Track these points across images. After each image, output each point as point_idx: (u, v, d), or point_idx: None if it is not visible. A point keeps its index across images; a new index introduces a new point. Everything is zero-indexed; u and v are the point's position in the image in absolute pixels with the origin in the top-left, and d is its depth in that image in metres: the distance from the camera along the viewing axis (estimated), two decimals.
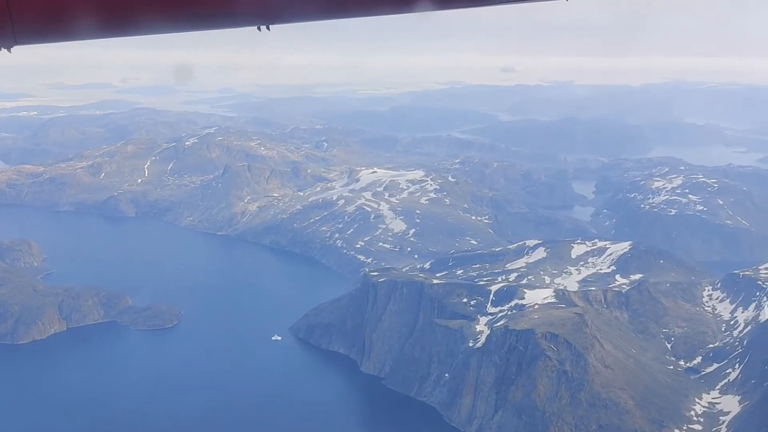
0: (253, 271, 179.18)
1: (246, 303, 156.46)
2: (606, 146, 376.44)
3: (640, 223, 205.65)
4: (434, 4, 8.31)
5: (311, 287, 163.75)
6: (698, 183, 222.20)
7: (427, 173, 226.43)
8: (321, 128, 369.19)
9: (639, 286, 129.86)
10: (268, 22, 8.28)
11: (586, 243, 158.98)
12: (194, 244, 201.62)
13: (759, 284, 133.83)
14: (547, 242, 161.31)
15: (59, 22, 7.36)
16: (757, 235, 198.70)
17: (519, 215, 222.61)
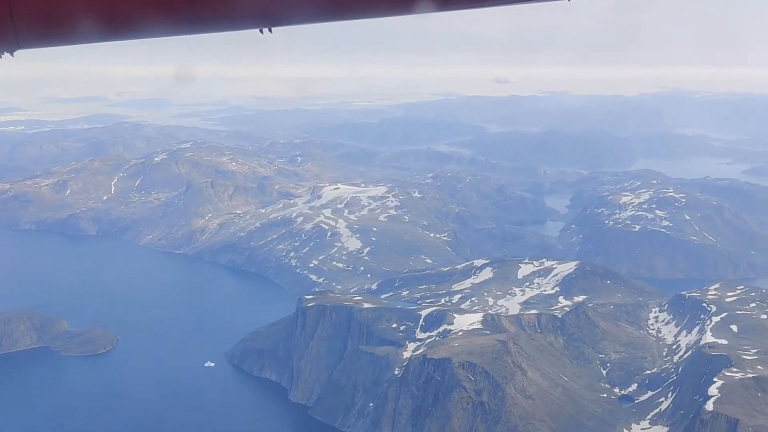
0: (202, 292, 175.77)
1: (188, 326, 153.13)
2: (589, 159, 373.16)
3: (603, 240, 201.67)
4: (434, 6, 8.27)
5: (257, 309, 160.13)
6: (665, 198, 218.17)
7: (390, 189, 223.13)
8: (299, 142, 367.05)
9: (576, 310, 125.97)
10: (269, 25, 8.27)
11: (533, 263, 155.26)
12: (148, 264, 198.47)
13: (704, 306, 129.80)
14: (495, 262, 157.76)
15: (61, 26, 7.29)
16: (722, 252, 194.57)
17: (485, 231, 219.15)
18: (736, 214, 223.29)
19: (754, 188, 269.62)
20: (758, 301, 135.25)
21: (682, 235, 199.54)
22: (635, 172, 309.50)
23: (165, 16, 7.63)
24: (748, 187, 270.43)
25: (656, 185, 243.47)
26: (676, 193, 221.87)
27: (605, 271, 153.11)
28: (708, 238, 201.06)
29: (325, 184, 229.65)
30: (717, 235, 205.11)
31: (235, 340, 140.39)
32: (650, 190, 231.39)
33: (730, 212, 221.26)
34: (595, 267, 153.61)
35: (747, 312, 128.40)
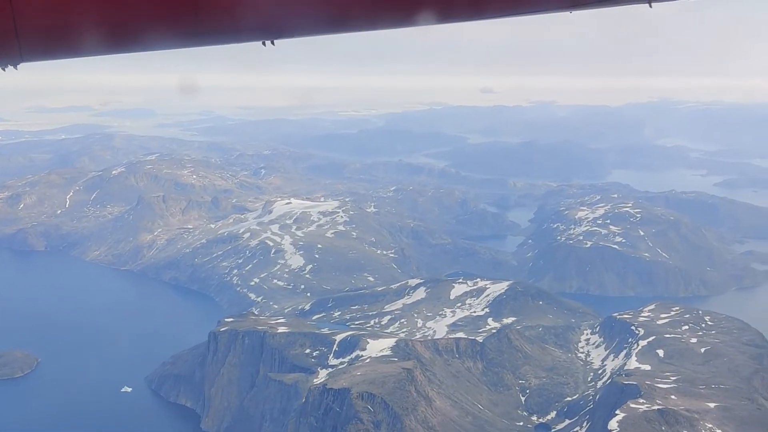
0: (137, 311, 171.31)
1: (115, 348, 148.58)
2: (561, 171, 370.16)
3: (555, 257, 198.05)
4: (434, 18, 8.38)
5: (188, 330, 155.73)
6: (621, 213, 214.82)
7: (342, 204, 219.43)
8: (269, 153, 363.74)
9: (498, 333, 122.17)
10: (271, 37, 8.32)
11: (467, 282, 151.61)
12: (89, 281, 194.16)
13: (633, 329, 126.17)
14: (429, 282, 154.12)
15: (65, 39, 7.33)
16: (674, 269, 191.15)
17: (438, 247, 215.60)
18: (694, 229, 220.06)
19: (719, 202, 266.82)
20: (691, 324, 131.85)
21: (635, 252, 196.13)
22: (602, 185, 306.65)
23: (168, 29, 7.66)
24: (713, 200, 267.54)
25: (615, 199, 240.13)
26: (634, 208, 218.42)
27: (537, 291, 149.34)
28: (661, 255, 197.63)
29: (277, 198, 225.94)
30: (671, 251, 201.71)
31: (157, 363, 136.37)
32: (608, 204, 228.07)
33: (688, 227, 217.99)
34: (527, 287, 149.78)
35: (677, 335, 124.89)
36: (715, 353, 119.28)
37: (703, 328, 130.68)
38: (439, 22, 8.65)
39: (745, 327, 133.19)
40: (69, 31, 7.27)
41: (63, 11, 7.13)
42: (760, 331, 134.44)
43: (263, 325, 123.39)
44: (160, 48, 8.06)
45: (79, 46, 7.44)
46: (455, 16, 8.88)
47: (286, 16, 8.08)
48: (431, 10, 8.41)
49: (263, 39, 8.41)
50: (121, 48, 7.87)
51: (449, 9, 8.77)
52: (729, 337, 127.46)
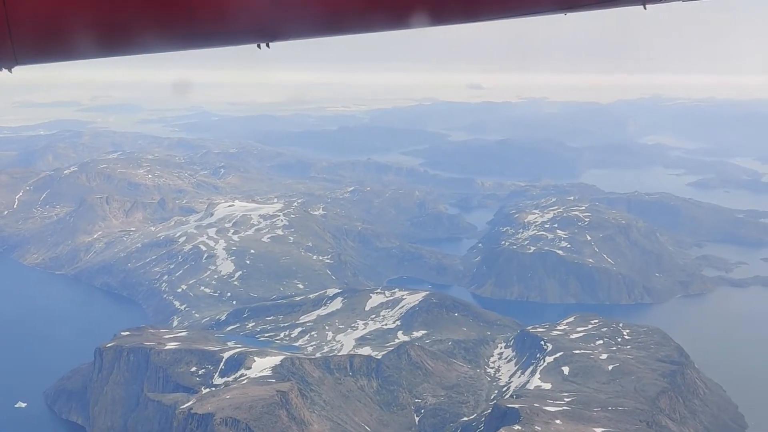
0: (58, 319, 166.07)
1: (23, 360, 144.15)
2: (534, 170, 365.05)
3: (497, 262, 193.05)
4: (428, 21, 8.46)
5: (103, 340, 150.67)
6: (569, 217, 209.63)
7: (286, 206, 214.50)
8: (235, 152, 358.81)
9: (398, 349, 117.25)
10: (267, 40, 8.34)
11: (384, 293, 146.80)
12: (20, 286, 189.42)
13: (542, 345, 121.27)
14: (347, 292, 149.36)
15: (60, 42, 7.30)
16: (617, 275, 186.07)
17: (384, 251, 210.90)
18: (647, 233, 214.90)
19: (683, 203, 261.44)
20: (607, 338, 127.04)
21: (579, 258, 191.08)
22: (568, 185, 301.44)
23: (163, 32, 7.62)
24: (677, 202, 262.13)
25: (570, 202, 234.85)
26: (585, 212, 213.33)
27: (454, 302, 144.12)
28: (606, 261, 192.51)
29: (221, 200, 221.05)
30: (618, 256, 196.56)
31: (58, 377, 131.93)
32: (561, 207, 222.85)
33: (641, 231, 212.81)
34: (443, 299, 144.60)
35: (587, 351, 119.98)
36: (624, 371, 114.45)
37: (619, 343, 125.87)
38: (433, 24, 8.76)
39: (665, 341, 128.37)
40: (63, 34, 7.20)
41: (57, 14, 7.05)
42: (680, 345, 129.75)
43: (154, 341, 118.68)
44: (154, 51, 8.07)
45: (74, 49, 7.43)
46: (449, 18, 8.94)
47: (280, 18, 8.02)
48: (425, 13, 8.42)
49: (258, 42, 8.41)
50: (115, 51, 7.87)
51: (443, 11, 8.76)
52: (644, 353, 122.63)
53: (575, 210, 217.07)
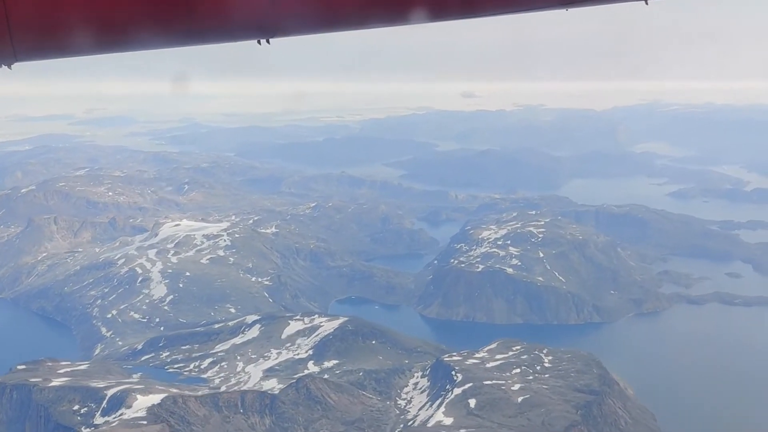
0: None
1: None
2: (513, 180, 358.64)
3: (445, 281, 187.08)
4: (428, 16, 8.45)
5: None
6: (523, 233, 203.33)
7: (233, 224, 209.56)
8: (206, 166, 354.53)
9: (297, 383, 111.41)
10: (267, 36, 8.33)
11: (303, 320, 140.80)
12: None
13: (452, 375, 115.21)
14: (266, 319, 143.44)
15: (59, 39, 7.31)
16: (566, 294, 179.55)
17: (335, 270, 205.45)
18: (607, 248, 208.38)
19: (653, 216, 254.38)
20: (525, 366, 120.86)
21: (528, 276, 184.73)
22: (539, 198, 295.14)
23: (162, 28, 7.59)
24: (647, 214, 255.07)
25: (532, 216, 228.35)
26: (538, 228, 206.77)
27: (372, 330, 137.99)
28: (557, 279, 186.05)
29: (168, 219, 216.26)
30: (571, 274, 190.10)
31: None
32: (518, 222, 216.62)
33: (599, 246, 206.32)
34: (360, 325, 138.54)
35: (500, 381, 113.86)
36: (534, 403, 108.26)
37: (538, 371, 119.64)
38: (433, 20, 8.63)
39: (588, 368, 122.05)
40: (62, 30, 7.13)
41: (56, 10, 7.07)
42: (609, 371, 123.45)
43: (43, 376, 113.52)
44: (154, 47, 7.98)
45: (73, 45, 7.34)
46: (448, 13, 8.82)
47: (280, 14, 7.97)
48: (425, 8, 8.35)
49: (258, 38, 8.28)
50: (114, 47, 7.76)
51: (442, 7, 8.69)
52: (562, 382, 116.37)
53: (532, 225, 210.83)
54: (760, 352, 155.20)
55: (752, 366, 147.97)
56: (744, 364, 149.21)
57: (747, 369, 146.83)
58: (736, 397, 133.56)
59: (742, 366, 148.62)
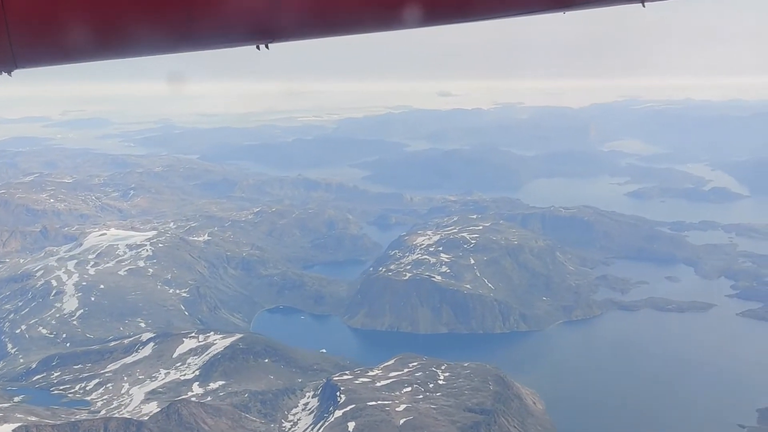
0: None
1: None
2: (474, 181, 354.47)
3: (371, 290, 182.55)
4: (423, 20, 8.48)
5: None
6: (456, 239, 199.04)
7: (160, 233, 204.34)
8: (160, 170, 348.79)
9: (168, 408, 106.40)
10: (266, 41, 8.39)
11: (198, 337, 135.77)
12: None
13: (337, 396, 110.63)
14: (160, 336, 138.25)
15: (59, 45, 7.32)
16: (492, 302, 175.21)
17: (266, 279, 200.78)
18: (544, 253, 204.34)
19: (600, 218, 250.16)
20: (417, 384, 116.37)
21: (456, 284, 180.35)
22: (492, 200, 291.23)
23: (162, 34, 7.60)
24: (594, 216, 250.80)
25: (473, 220, 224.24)
26: (471, 234, 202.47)
27: (266, 347, 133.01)
28: (486, 286, 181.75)
29: (93, 229, 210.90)
30: (501, 281, 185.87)
31: None
32: (457, 227, 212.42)
33: (535, 251, 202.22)
34: (253, 343, 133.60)
35: (385, 402, 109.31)
36: (417, 425, 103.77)
37: (429, 390, 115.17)
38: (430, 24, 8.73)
39: (483, 386, 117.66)
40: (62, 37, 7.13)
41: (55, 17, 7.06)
42: (500, 390, 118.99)
43: None
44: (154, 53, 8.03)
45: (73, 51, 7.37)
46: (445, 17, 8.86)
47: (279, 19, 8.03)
48: (420, 12, 8.40)
49: (257, 43, 8.34)
50: (114, 53, 7.79)
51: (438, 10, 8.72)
52: (453, 401, 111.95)
53: (468, 231, 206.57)
54: (685, 361, 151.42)
55: (675, 374, 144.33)
56: (667, 372, 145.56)
57: (669, 377, 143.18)
58: (654, 407, 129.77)
59: (665, 374, 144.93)
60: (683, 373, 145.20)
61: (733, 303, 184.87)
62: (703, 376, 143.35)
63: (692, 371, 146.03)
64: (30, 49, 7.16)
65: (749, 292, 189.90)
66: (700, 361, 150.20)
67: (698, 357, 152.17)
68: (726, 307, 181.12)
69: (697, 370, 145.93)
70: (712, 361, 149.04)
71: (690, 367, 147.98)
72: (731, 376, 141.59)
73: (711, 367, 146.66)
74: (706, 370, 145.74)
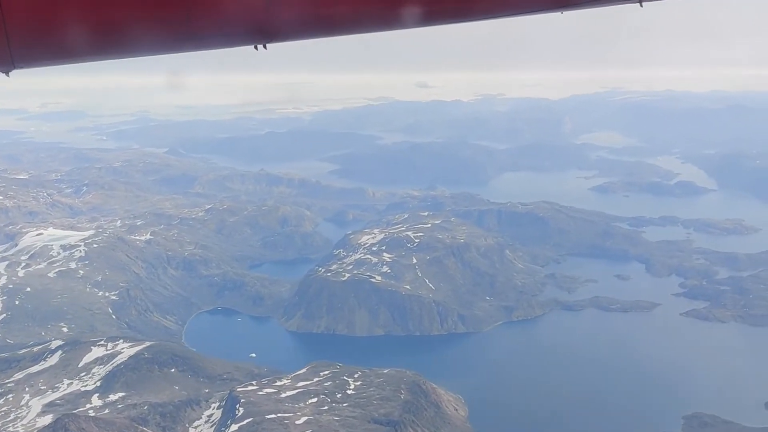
0: None
1: None
2: (441, 175, 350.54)
3: (309, 291, 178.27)
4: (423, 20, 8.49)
5: None
6: (400, 238, 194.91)
7: (98, 233, 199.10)
8: (119, 165, 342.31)
9: (56, 423, 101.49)
10: (264, 41, 8.39)
11: (106, 345, 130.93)
12: None
13: (236, 409, 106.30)
14: (69, 344, 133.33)
15: (57, 45, 7.32)
16: (430, 303, 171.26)
17: (206, 279, 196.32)
18: (492, 252, 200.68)
19: (557, 214, 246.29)
20: (324, 395, 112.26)
21: (395, 284, 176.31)
22: (450, 196, 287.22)
23: (161, 34, 7.61)
24: (550, 213, 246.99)
25: (423, 217, 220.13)
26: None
27: (173, 356, 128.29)
28: (426, 286, 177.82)
29: (32, 228, 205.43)
30: (444, 280, 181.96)
31: None
32: (404, 225, 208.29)
33: (480, 250, 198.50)
34: (159, 352, 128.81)
35: (286, 415, 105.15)
36: None
37: (337, 400, 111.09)
38: (429, 24, 8.74)
39: (394, 395, 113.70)
40: (60, 37, 7.12)
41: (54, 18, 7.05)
42: (412, 399, 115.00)
43: None
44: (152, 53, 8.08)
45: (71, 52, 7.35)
46: (444, 17, 8.89)
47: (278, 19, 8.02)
48: (420, 12, 8.40)
49: (256, 43, 8.33)
50: (113, 53, 7.80)
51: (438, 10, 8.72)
52: (359, 412, 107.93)
53: (415, 228, 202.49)
54: (619, 364, 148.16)
55: (607, 378, 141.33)
56: (599, 377, 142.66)
57: (600, 381, 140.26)
58: (580, 413, 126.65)
59: (597, 379, 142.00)
60: (616, 378, 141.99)
61: (678, 302, 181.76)
62: (635, 380, 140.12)
63: (625, 375, 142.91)
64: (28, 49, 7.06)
65: (696, 291, 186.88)
66: (634, 364, 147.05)
67: (633, 360, 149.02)
68: (670, 307, 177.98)
69: (630, 374, 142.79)
70: (646, 365, 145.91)
71: (623, 370, 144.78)
72: (663, 381, 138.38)
73: (644, 370, 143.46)
74: (639, 374, 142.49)
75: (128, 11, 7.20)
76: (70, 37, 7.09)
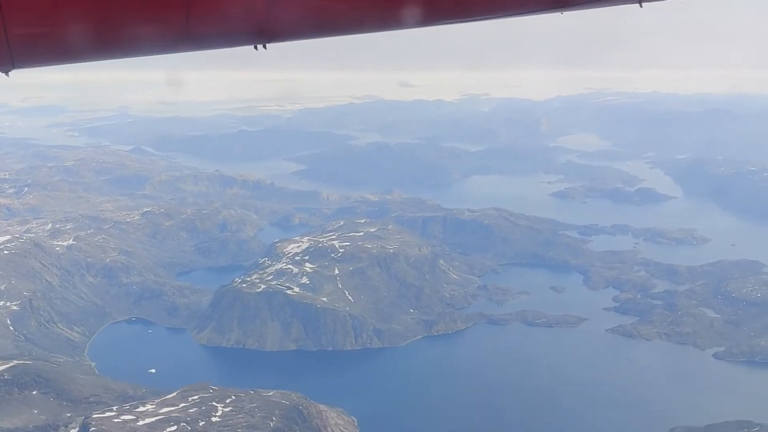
0: None
1: None
2: (404, 178, 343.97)
3: (221, 302, 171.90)
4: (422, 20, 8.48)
5: None
6: (324, 248, 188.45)
7: (14, 237, 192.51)
8: (71, 164, 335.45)
9: None
10: (264, 41, 8.36)
11: None
12: None
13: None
14: None
15: (57, 45, 7.31)
16: (345, 317, 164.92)
17: (125, 288, 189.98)
18: (421, 262, 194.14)
19: (504, 222, 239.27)
20: (184, 423, 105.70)
21: (312, 297, 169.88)
22: (400, 201, 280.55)
23: (160, 34, 7.58)
24: (498, 220, 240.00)
25: (361, 225, 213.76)
26: (341, 241, 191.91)
27: (37, 377, 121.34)
28: (345, 299, 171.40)
29: None
30: (365, 292, 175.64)
31: None
32: (337, 234, 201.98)
33: (410, 260, 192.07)
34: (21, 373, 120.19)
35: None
36: None
37: (198, 429, 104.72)
38: (428, 24, 8.76)
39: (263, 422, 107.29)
40: (60, 37, 7.10)
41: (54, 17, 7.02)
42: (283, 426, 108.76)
43: None
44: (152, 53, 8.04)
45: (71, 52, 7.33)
46: (443, 17, 8.88)
47: (278, 20, 7.99)
48: (418, 12, 8.39)
49: (255, 43, 8.31)
50: (112, 53, 7.76)
51: (436, 10, 8.75)
52: None
53: (347, 237, 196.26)
54: (530, 384, 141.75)
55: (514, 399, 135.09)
56: (506, 397, 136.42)
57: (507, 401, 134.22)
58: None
59: (504, 399, 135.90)
60: (522, 399, 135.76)
61: (607, 317, 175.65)
62: (543, 400, 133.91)
63: (531, 396, 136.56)
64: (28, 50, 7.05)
65: (628, 306, 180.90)
66: (544, 384, 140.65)
67: (544, 380, 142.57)
68: (597, 322, 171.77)
69: (537, 396, 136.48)
70: (555, 386, 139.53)
71: (531, 391, 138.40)
72: (568, 401, 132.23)
73: (552, 390, 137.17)
74: (545, 393, 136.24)
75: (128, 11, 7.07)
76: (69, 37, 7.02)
